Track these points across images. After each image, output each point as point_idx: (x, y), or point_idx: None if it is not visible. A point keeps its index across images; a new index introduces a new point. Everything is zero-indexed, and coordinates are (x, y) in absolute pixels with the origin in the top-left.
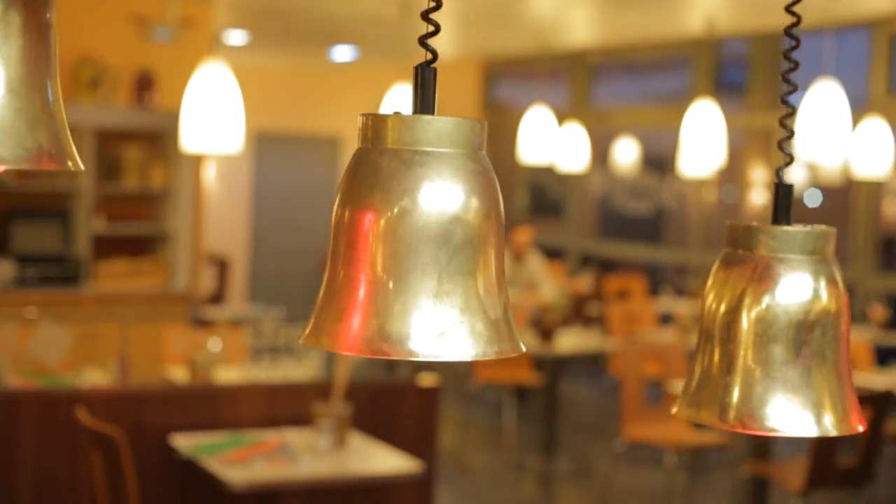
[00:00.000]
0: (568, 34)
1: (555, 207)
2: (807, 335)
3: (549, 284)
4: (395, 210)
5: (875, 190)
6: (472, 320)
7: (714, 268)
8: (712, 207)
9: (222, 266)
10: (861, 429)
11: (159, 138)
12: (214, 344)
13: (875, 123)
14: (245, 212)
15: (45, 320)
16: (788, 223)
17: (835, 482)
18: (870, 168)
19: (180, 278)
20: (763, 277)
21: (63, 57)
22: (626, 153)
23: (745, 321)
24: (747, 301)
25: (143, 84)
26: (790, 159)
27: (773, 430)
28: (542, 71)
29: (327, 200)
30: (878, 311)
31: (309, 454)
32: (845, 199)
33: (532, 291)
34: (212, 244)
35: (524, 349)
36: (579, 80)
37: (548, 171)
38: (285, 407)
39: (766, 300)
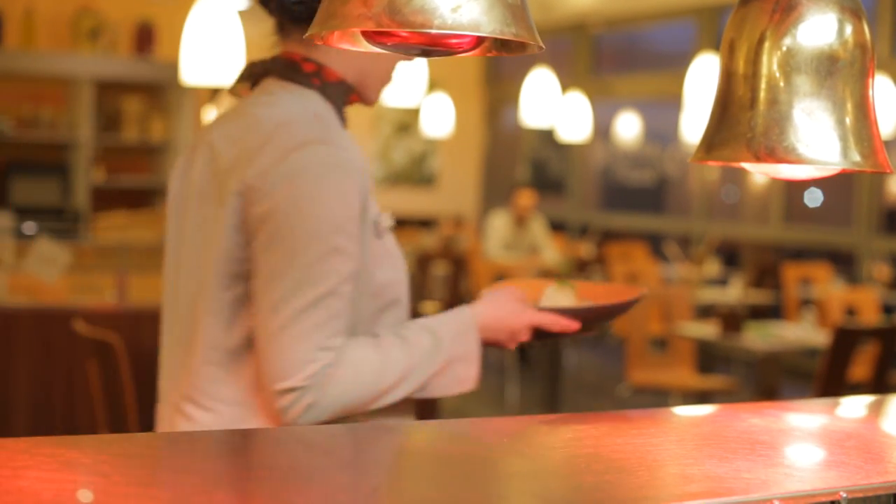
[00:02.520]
0: (567, 2)
1: (556, 183)
2: (832, 66)
3: (552, 249)
4: None
5: None
6: None
7: (734, 10)
8: (715, 175)
9: None
10: (889, 170)
11: (159, 90)
12: None
13: (879, 83)
14: None
15: (43, 236)
16: None
17: None
18: None
19: None
20: (786, 7)
21: (62, 7)
22: (629, 126)
23: (769, 53)
24: (770, 33)
25: (144, 35)
26: None
27: (800, 157)
28: (544, 43)
29: None
30: (883, 271)
31: None
32: None
33: (534, 256)
34: None
35: (542, 46)
36: (581, 52)
37: (549, 146)
38: None
39: (789, 30)
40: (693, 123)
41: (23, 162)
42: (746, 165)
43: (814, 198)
